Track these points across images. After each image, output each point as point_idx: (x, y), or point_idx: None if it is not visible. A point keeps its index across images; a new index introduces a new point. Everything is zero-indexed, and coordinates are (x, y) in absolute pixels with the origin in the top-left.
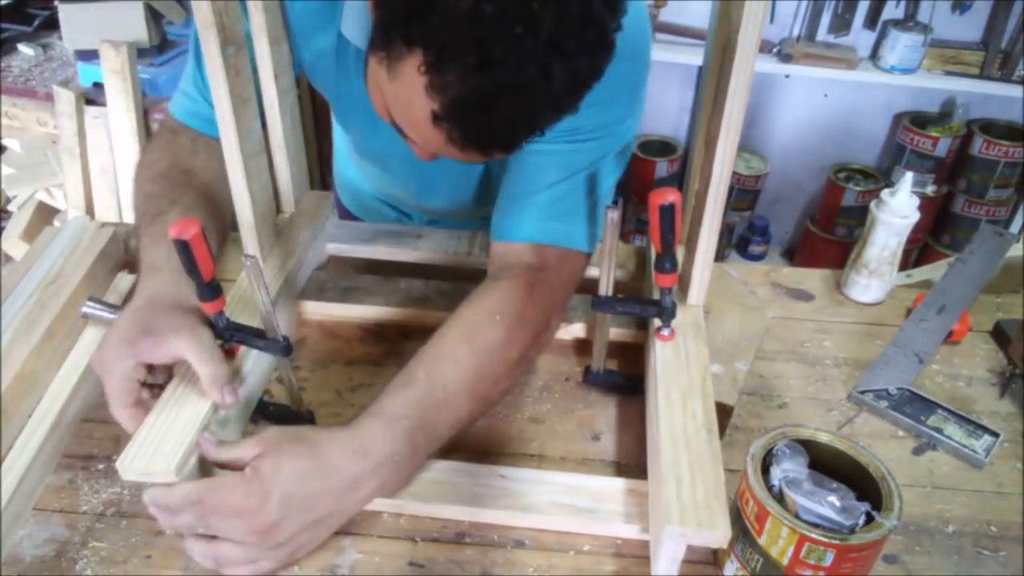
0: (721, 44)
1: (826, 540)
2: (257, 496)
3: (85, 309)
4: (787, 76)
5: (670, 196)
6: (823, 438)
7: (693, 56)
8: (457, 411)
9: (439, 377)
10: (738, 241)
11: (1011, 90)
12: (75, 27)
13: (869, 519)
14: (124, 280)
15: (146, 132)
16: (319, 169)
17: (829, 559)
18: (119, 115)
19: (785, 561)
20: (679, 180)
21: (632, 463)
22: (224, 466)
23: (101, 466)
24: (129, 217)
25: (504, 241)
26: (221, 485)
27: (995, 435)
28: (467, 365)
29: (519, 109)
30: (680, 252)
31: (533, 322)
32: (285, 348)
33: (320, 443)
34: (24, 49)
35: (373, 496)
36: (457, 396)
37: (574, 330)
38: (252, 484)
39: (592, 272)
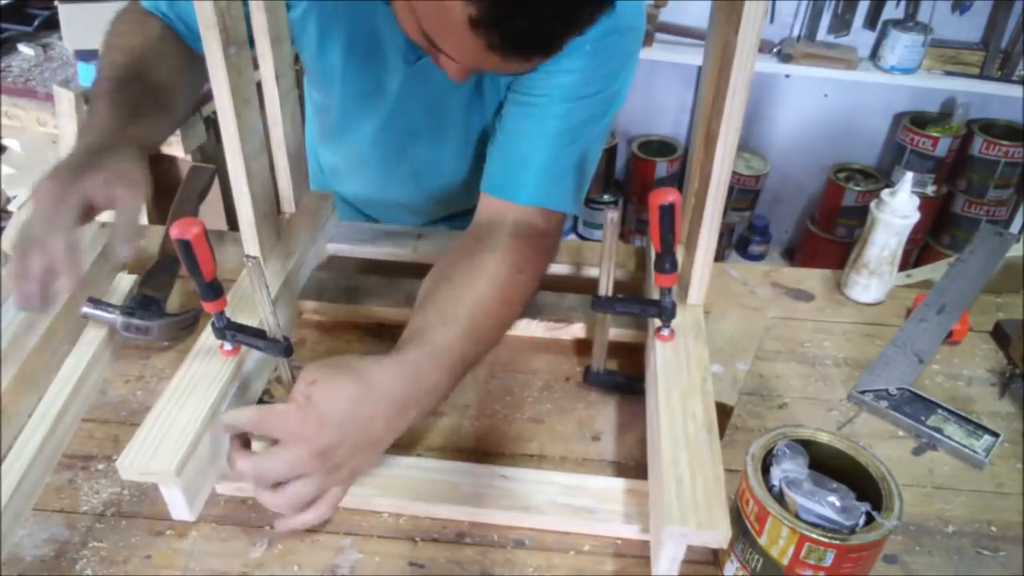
0: (721, 44)
1: (826, 540)
2: (313, 421)
3: (85, 309)
4: (787, 76)
5: (670, 196)
6: (823, 438)
7: (693, 56)
8: (483, 351)
9: (474, 320)
10: (738, 241)
11: (1011, 90)
12: (75, 27)
13: (869, 519)
14: (124, 280)
15: None
16: None
17: (829, 559)
18: None
19: (785, 561)
20: (679, 180)
21: (632, 463)
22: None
23: (101, 466)
24: None
25: (507, 200)
26: (278, 411)
27: (995, 435)
28: (495, 314)
29: (559, 5)
30: (680, 252)
31: (538, 279)
32: (285, 348)
33: (370, 371)
34: (24, 49)
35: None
36: (486, 340)
37: (574, 330)
38: (308, 410)
39: (592, 272)
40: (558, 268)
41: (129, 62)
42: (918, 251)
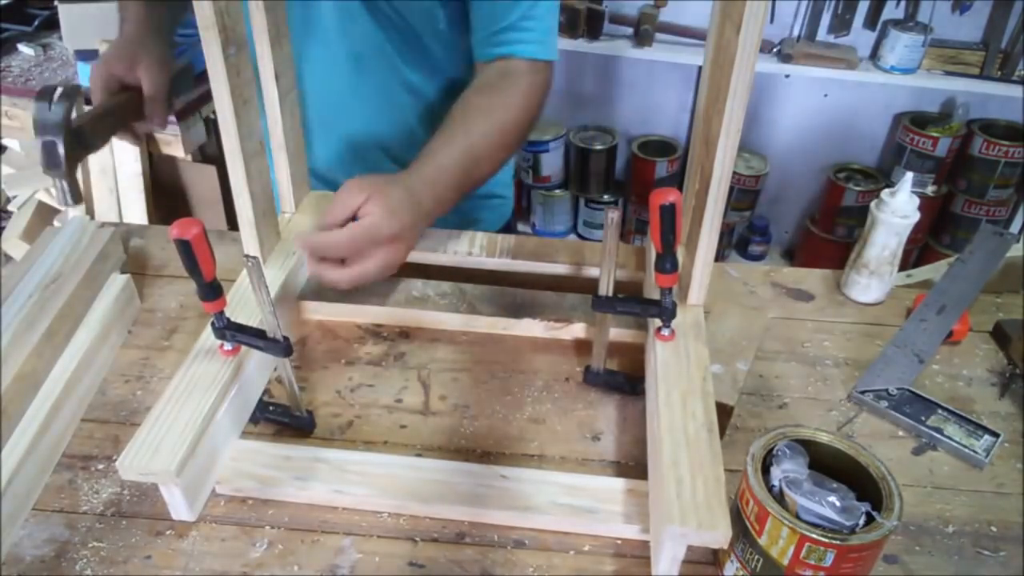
0: (721, 44)
1: (826, 540)
2: (386, 218)
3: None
4: (787, 76)
5: (670, 196)
6: (823, 438)
7: (693, 56)
8: (482, 172)
9: (472, 143)
10: (738, 241)
11: (1011, 90)
12: (75, 27)
13: (869, 519)
14: (118, 279)
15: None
16: None
17: (829, 559)
18: None
19: (785, 561)
20: (679, 180)
21: (632, 463)
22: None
23: (101, 466)
24: (129, 217)
25: (497, 58)
26: (365, 224)
27: (995, 435)
28: (491, 139)
29: None
30: (680, 252)
31: (532, 113)
32: (285, 348)
33: (408, 184)
34: (24, 49)
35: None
36: (483, 160)
37: (574, 330)
38: (383, 204)
39: (592, 272)
40: (558, 268)
41: None
42: (918, 251)
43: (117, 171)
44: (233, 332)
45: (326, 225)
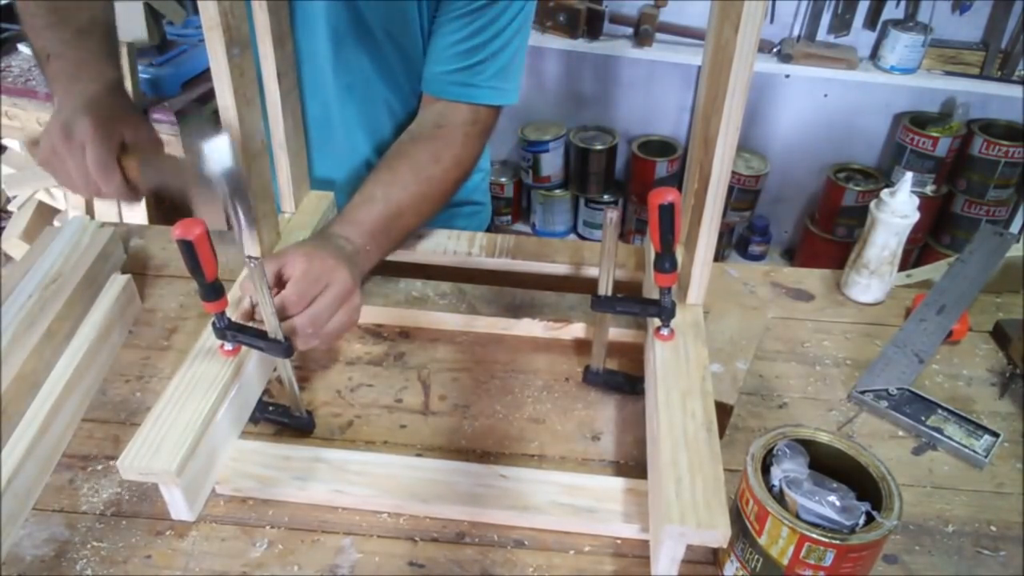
0: (720, 44)
1: (826, 540)
2: (328, 269)
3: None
4: (787, 76)
5: (669, 196)
6: (823, 438)
7: (693, 56)
8: (406, 223)
9: (393, 198)
10: (738, 241)
11: (1011, 90)
12: None
13: (869, 519)
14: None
15: None
16: None
17: (829, 559)
18: None
19: (785, 561)
20: (679, 180)
21: (632, 463)
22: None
23: (101, 466)
24: (129, 217)
25: (440, 98)
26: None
27: (995, 435)
28: (414, 192)
29: None
30: (680, 252)
31: (463, 165)
32: (286, 349)
33: (321, 243)
34: (24, 49)
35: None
36: (406, 212)
37: (574, 330)
38: (314, 263)
39: (592, 272)
40: (558, 268)
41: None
42: (918, 251)
43: None
44: (234, 332)
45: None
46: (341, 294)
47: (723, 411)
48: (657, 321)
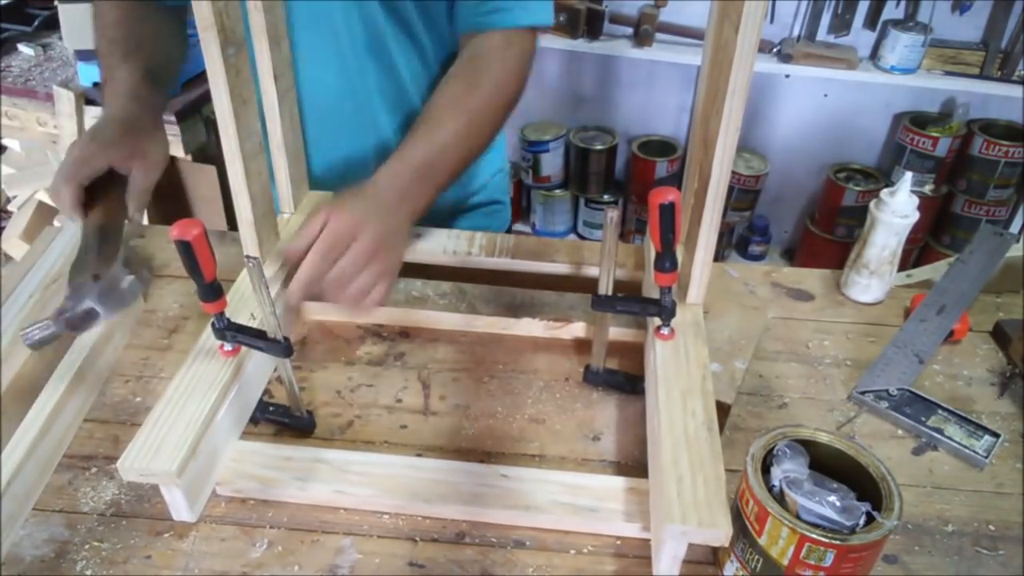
0: (720, 43)
1: (826, 540)
2: (351, 222)
3: (27, 342)
4: (787, 76)
5: (669, 195)
6: (823, 438)
7: (693, 56)
8: (450, 161)
9: (436, 137)
10: (738, 241)
11: (1011, 90)
12: (75, 27)
13: (869, 519)
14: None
15: None
16: None
17: (829, 559)
18: None
19: (785, 561)
20: (679, 180)
21: (632, 463)
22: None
23: (101, 466)
24: None
25: (472, 34)
26: (320, 227)
27: (995, 435)
28: (454, 127)
29: None
30: (680, 251)
31: (504, 91)
32: (285, 348)
33: (364, 187)
34: (24, 49)
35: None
36: (450, 149)
37: (574, 330)
38: (342, 216)
39: (592, 271)
40: (558, 268)
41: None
42: (918, 251)
43: None
44: (233, 333)
45: (291, 256)
46: (366, 249)
47: (721, 410)
48: (657, 320)
